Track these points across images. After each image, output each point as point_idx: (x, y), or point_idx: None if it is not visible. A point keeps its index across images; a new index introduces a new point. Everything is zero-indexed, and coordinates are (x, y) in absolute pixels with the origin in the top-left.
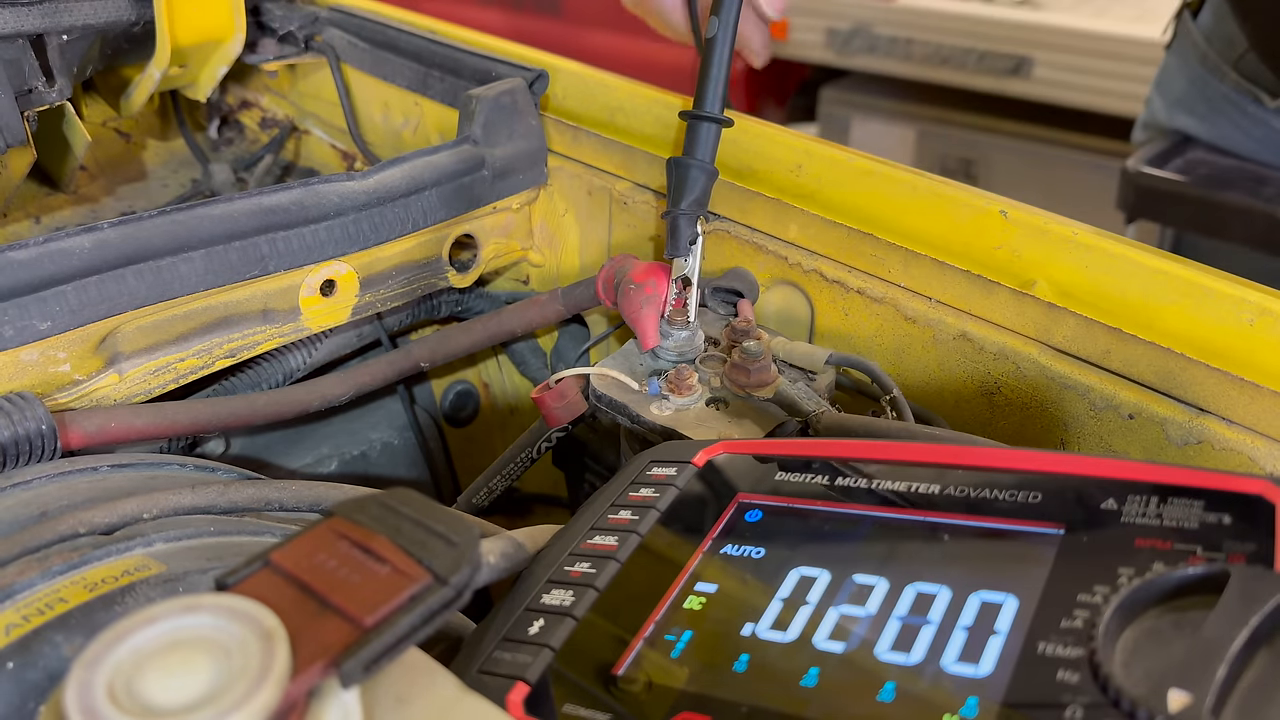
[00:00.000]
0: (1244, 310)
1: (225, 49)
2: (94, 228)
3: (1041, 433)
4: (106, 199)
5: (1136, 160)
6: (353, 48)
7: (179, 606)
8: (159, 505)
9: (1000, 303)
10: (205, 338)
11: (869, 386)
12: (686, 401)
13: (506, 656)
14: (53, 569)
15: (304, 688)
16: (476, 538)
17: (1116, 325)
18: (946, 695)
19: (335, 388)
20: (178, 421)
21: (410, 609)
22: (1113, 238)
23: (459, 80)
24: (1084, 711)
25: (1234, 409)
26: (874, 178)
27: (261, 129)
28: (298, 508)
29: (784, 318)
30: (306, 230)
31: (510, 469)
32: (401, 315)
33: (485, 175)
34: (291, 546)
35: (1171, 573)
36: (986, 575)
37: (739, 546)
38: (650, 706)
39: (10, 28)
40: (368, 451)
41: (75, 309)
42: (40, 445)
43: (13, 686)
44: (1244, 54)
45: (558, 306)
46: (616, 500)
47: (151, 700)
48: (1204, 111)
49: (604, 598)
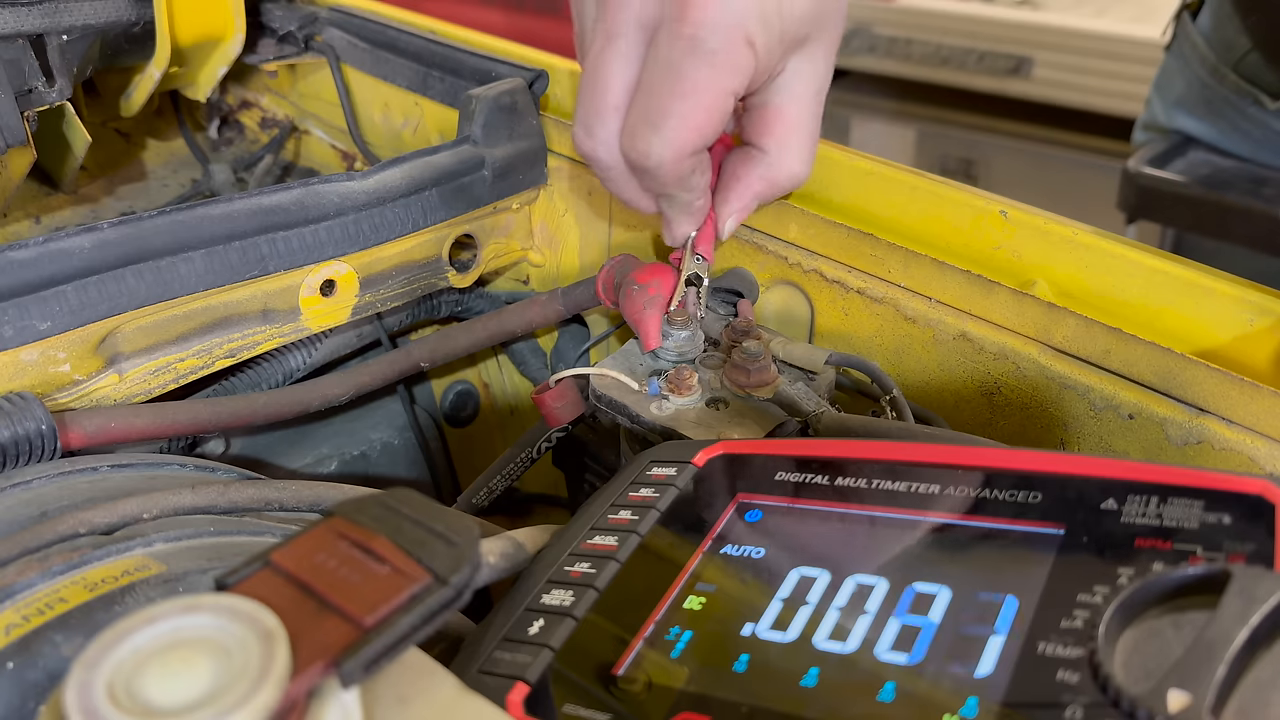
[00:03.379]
0: (1244, 310)
1: (225, 49)
2: (94, 228)
3: (1041, 433)
4: (106, 199)
5: (1137, 161)
6: (353, 48)
7: (179, 606)
8: (159, 505)
9: (1000, 303)
10: (205, 338)
11: (869, 386)
12: (686, 402)
13: (506, 656)
14: (53, 569)
15: (304, 688)
16: (476, 538)
17: (1116, 325)
18: (946, 695)
19: (335, 388)
20: (178, 421)
21: (410, 609)
22: (1113, 238)
23: (459, 80)
24: (1084, 711)
25: (1234, 409)
26: (874, 178)
27: (261, 129)
28: (298, 508)
29: (784, 318)
30: (306, 230)
31: (510, 469)
32: (401, 315)
33: (485, 175)
34: (291, 546)
35: (1171, 573)
36: (986, 575)
37: (739, 546)
38: (650, 706)
39: (10, 28)
40: (368, 451)
41: (75, 309)
42: (40, 445)
43: (13, 686)
44: (1244, 56)
45: (558, 306)
46: (616, 500)
47: (151, 700)
48: (1203, 113)
49: (604, 598)
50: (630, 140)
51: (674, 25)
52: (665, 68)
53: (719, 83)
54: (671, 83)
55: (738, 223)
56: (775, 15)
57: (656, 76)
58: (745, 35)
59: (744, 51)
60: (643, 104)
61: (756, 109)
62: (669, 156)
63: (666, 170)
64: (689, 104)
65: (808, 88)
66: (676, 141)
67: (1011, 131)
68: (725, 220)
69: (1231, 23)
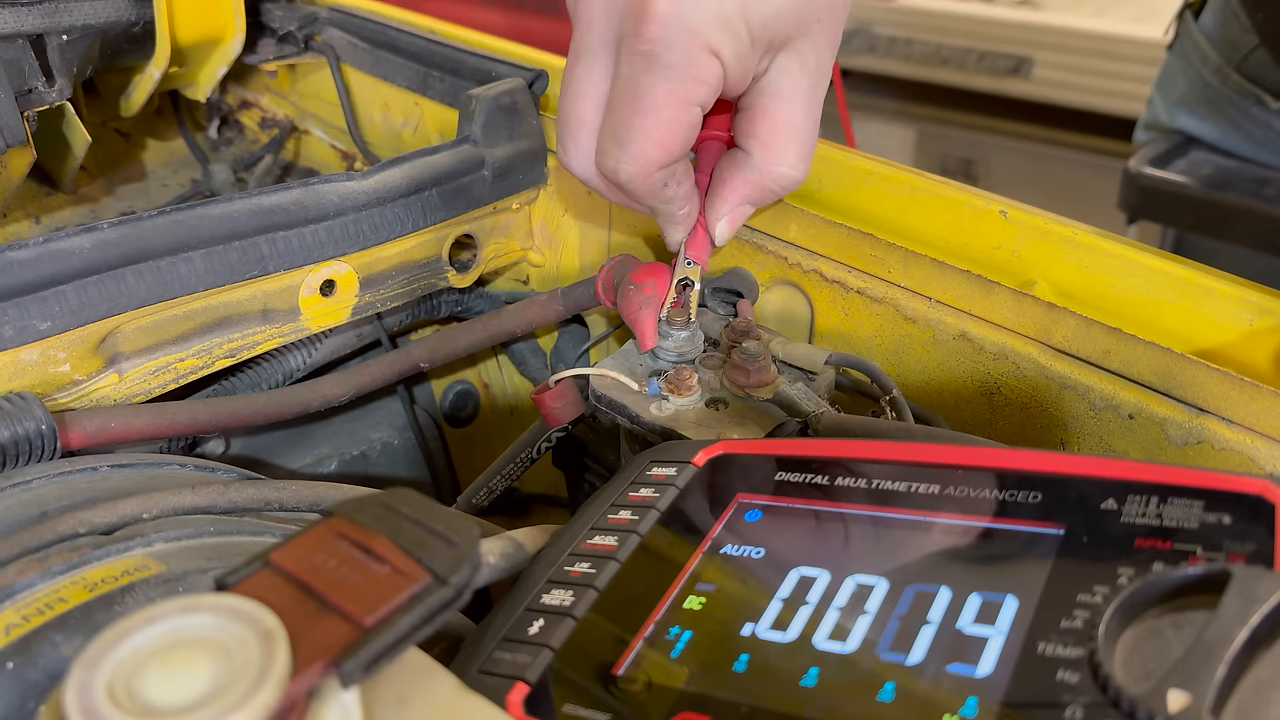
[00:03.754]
0: (1244, 310)
1: (225, 49)
2: (94, 228)
3: (1041, 433)
4: (106, 199)
5: (1138, 161)
6: (353, 48)
7: (179, 606)
8: (159, 505)
9: (1000, 303)
10: (205, 338)
11: (869, 386)
12: (686, 402)
13: (506, 656)
14: (53, 569)
15: (304, 688)
16: (476, 538)
17: (1116, 325)
18: (946, 695)
19: (335, 388)
20: (178, 421)
21: (410, 609)
22: (1113, 238)
23: (459, 80)
24: (1084, 711)
25: (1234, 409)
26: (874, 178)
27: (261, 129)
28: (298, 508)
29: (784, 318)
30: (306, 230)
31: (510, 469)
32: (401, 315)
33: (485, 175)
34: (291, 546)
35: (1171, 573)
36: (986, 575)
37: (739, 546)
38: (650, 706)
39: (10, 28)
40: (368, 451)
41: (75, 309)
42: (40, 445)
43: (13, 686)
44: (1248, 55)
45: (558, 307)
46: (616, 500)
47: (151, 700)
48: (1205, 112)
49: (604, 598)
50: (601, 158)
51: (631, 41)
52: (626, 84)
53: (679, 95)
54: (633, 99)
55: (731, 227)
56: (739, 19)
57: (619, 94)
58: (705, 44)
59: (706, 61)
60: (610, 121)
61: (744, 110)
62: (637, 172)
63: (637, 185)
64: (650, 120)
65: (795, 86)
66: (642, 157)
67: (1011, 131)
68: (715, 224)
69: (1236, 20)
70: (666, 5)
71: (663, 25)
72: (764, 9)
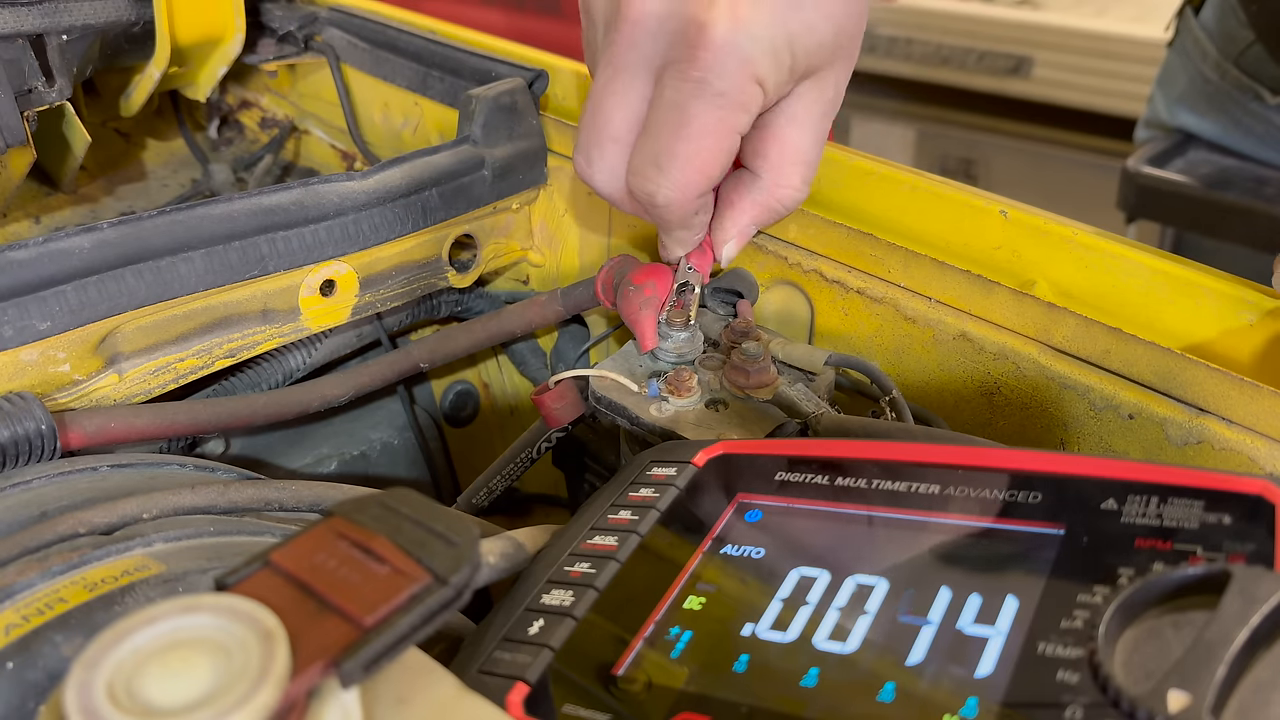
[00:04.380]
0: (1244, 310)
1: (225, 49)
2: (94, 228)
3: (1041, 433)
4: (106, 199)
5: (1137, 160)
6: (353, 48)
7: (179, 606)
8: (159, 505)
9: (1000, 303)
10: (205, 338)
11: (869, 387)
12: (686, 403)
13: (506, 656)
14: (53, 569)
15: (304, 688)
16: (476, 538)
17: (1116, 325)
18: (946, 695)
19: (335, 388)
20: (178, 421)
21: (410, 609)
22: (1113, 238)
23: (459, 80)
24: (1084, 712)
25: (1234, 409)
26: (874, 178)
27: (261, 129)
28: (298, 508)
29: (784, 318)
30: (306, 230)
31: (510, 469)
32: (401, 315)
33: (485, 175)
34: (291, 546)
35: (1172, 573)
36: (986, 575)
37: (739, 546)
38: (650, 706)
39: (10, 28)
40: (368, 451)
41: (75, 309)
42: (40, 445)
43: (13, 686)
44: (1245, 50)
45: (557, 307)
46: (616, 500)
47: (151, 700)
48: (1205, 109)
49: (604, 598)
50: (638, 181)
51: (682, 67)
52: (671, 109)
53: (726, 123)
54: (678, 125)
55: (737, 248)
56: (786, 52)
57: (662, 117)
58: (754, 75)
59: (752, 91)
60: (649, 145)
61: (756, 130)
62: (676, 198)
63: (674, 210)
64: (694, 146)
65: (810, 112)
66: (683, 183)
67: (1011, 131)
68: (722, 246)
69: (1234, 15)
70: (724, 34)
71: (717, 53)
72: (808, 41)
